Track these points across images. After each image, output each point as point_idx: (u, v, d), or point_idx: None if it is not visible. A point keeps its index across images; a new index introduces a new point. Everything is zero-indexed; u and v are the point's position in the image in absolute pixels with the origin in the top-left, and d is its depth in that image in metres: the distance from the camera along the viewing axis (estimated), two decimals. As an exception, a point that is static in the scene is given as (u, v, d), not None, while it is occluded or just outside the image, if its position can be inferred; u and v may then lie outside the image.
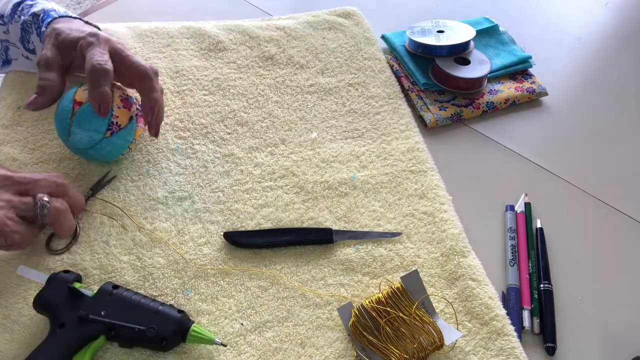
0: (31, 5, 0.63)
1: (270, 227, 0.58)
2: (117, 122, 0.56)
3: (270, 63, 0.76)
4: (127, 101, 0.58)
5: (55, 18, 0.60)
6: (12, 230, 0.47)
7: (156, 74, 0.58)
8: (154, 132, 0.59)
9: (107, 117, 0.55)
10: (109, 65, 0.54)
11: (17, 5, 0.64)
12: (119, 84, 0.59)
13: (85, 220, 0.56)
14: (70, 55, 0.57)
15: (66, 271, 0.50)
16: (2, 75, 0.70)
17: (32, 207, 0.49)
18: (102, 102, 0.54)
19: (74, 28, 0.58)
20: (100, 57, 0.54)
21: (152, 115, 0.57)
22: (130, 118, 0.57)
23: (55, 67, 0.56)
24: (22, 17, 0.62)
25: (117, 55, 0.56)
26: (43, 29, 0.60)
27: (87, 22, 0.62)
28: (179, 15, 0.83)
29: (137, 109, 0.59)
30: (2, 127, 0.63)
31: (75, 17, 0.62)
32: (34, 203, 0.49)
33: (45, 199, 0.49)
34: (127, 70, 0.57)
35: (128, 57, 0.57)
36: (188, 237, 0.56)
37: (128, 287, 0.50)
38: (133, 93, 0.60)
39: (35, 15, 0.62)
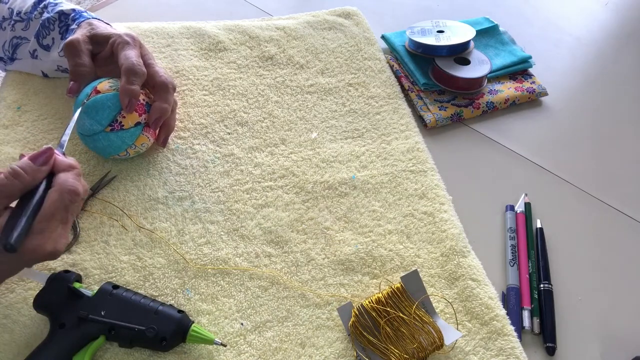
0: (56, 4, 0.65)
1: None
2: (120, 122, 0.56)
3: (270, 63, 0.76)
4: (142, 107, 0.58)
5: (89, 19, 0.62)
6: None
7: (174, 88, 0.61)
8: (161, 141, 0.62)
9: (114, 113, 0.56)
10: (144, 68, 0.57)
11: (39, 2, 0.65)
12: (145, 89, 0.60)
13: (85, 220, 0.56)
14: (99, 47, 0.60)
15: (66, 271, 0.50)
16: (3, 75, 0.70)
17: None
18: (132, 99, 0.55)
19: (109, 27, 0.62)
20: (137, 58, 0.57)
21: (157, 124, 0.59)
22: (137, 123, 0.57)
23: (85, 52, 0.59)
24: (46, 14, 0.64)
25: (143, 61, 0.59)
26: (73, 26, 0.62)
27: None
28: (179, 15, 0.83)
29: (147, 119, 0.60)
30: (2, 127, 0.63)
31: (107, 23, 0.64)
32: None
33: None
34: (148, 77, 0.59)
35: (152, 65, 0.60)
36: (188, 237, 0.56)
37: (128, 287, 0.50)
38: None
39: (63, 13, 0.63)
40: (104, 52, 0.61)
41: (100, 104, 0.56)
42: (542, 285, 0.57)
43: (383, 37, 0.84)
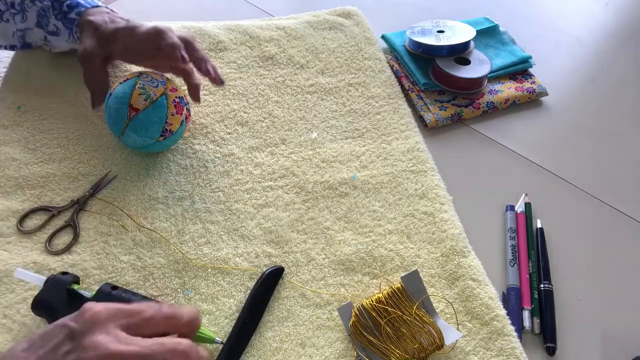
0: None
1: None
2: (170, 129, 0.59)
3: (271, 63, 0.76)
4: (179, 104, 0.60)
5: (88, 9, 0.61)
6: None
7: (194, 38, 0.62)
8: (219, 81, 0.62)
9: (161, 125, 0.58)
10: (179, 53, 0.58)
11: None
12: (174, 84, 0.61)
13: (85, 220, 0.56)
14: (109, 46, 0.59)
15: (64, 273, 0.49)
16: (5, 70, 0.70)
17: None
18: (198, 88, 0.62)
19: (108, 20, 0.60)
20: (174, 50, 0.58)
21: (209, 72, 0.61)
22: (182, 122, 0.60)
23: (96, 60, 0.58)
24: (39, 3, 0.63)
25: (155, 32, 0.58)
26: (73, 15, 0.61)
27: (112, 11, 0.63)
28: (179, 15, 0.83)
29: (187, 109, 0.61)
30: (2, 127, 0.63)
31: (105, 7, 0.63)
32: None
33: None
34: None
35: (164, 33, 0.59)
36: (188, 237, 0.56)
37: (128, 287, 0.50)
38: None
39: (58, 1, 0.62)
40: (115, 49, 0.59)
41: (147, 122, 0.57)
42: (542, 285, 0.57)
43: (383, 37, 0.84)
